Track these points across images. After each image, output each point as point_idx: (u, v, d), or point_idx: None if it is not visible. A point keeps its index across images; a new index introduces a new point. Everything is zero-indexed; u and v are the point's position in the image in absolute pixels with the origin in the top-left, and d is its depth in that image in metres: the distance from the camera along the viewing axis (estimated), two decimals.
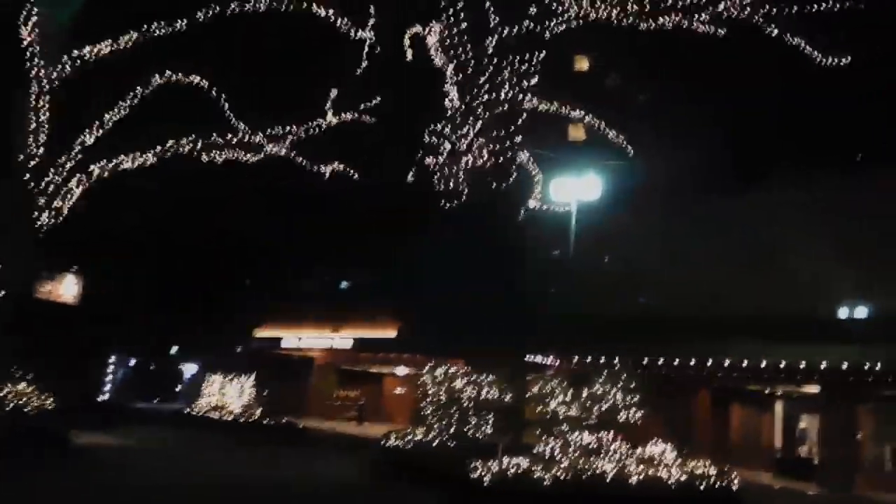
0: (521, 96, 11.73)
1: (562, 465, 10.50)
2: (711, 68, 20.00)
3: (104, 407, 22.22)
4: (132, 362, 35.31)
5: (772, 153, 22.01)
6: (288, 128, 17.19)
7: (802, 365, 17.63)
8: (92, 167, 13.75)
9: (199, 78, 15.64)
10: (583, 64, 23.29)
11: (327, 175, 19.63)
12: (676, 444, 14.33)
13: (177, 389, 38.17)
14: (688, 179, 22.06)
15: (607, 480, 10.43)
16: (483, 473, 10.09)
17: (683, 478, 11.22)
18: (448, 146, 12.23)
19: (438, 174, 12.27)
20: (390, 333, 26.71)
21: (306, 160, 18.62)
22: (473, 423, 11.88)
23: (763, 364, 18.35)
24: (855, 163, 20.10)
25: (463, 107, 12.01)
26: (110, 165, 14.00)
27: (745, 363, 18.72)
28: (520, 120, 11.99)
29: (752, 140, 22.22)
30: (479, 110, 11.87)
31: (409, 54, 14.48)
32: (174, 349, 45.16)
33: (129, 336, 30.79)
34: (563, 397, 12.07)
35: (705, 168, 22.30)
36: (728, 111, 21.56)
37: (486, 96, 12.02)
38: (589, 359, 19.06)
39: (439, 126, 12.25)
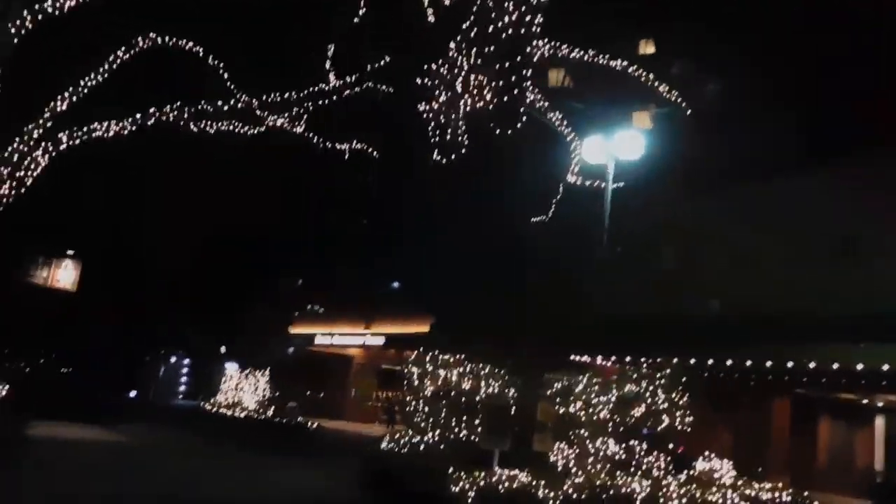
0: (528, 17, 9.42)
1: (576, 481, 8.00)
2: (784, 17, 17.07)
3: (124, 402, 21.38)
4: (174, 360, 35.06)
5: (856, 121, 18.60)
6: (288, 94, 15.44)
7: None
8: (60, 135, 12.42)
9: (190, 43, 14.13)
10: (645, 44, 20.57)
11: (347, 155, 18.09)
12: (746, 462, 11.73)
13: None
14: (754, 155, 19.06)
15: (636, 502, 7.84)
16: (466, 488, 7.76)
17: None
18: (445, 90, 10.01)
19: (433, 123, 10.08)
20: (423, 329, 24.81)
21: (320, 138, 17.01)
22: (465, 424, 9.52)
23: (859, 368, 15.08)
24: None
25: (460, 37, 9.78)
26: (80, 133, 12.64)
27: (835, 366, 15.48)
28: (528, 48, 9.67)
29: (830, 107, 18.85)
30: (476, 36, 9.62)
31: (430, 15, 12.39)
32: (223, 349, 45.31)
33: (164, 332, 30.42)
34: (589, 396, 9.58)
35: (776, 141, 19.29)
36: (801, 69, 18.39)
37: (490, 26, 9.75)
38: (636, 359, 16.32)
39: (434, 66, 10.06)
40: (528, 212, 14.68)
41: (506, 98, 9.55)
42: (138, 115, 13.39)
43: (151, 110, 13.51)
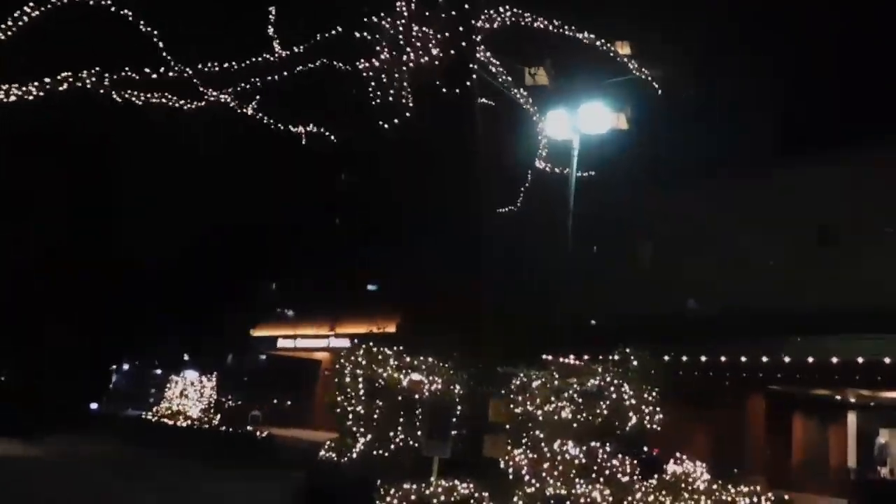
0: None
1: (527, 490, 6.90)
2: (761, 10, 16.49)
3: (65, 413, 19.76)
4: (126, 367, 33.33)
5: (830, 113, 18.17)
6: (227, 65, 14.00)
7: (887, 360, 13.63)
8: None
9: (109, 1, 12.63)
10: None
11: (304, 139, 16.77)
12: (721, 462, 10.90)
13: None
14: (731, 147, 18.56)
15: None
16: (394, 502, 6.61)
17: None
18: (388, 45, 8.87)
19: (374, 83, 8.94)
20: (391, 330, 23.51)
21: (273, 119, 15.67)
22: (403, 427, 8.35)
23: (834, 361, 14.42)
24: None
25: None
26: None
27: (810, 360, 14.80)
28: None
29: (806, 98, 18.36)
30: None
31: None
32: (185, 356, 43.48)
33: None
34: (548, 393, 8.50)
35: (752, 134, 18.79)
36: (778, 61, 17.89)
37: None
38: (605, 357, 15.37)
39: (374, 18, 8.92)
40: (497, 202, 13.64)
41: (452, 52, 8.45)
42: (47, 80, 11.83)
43: (64, 74, 11.96)
